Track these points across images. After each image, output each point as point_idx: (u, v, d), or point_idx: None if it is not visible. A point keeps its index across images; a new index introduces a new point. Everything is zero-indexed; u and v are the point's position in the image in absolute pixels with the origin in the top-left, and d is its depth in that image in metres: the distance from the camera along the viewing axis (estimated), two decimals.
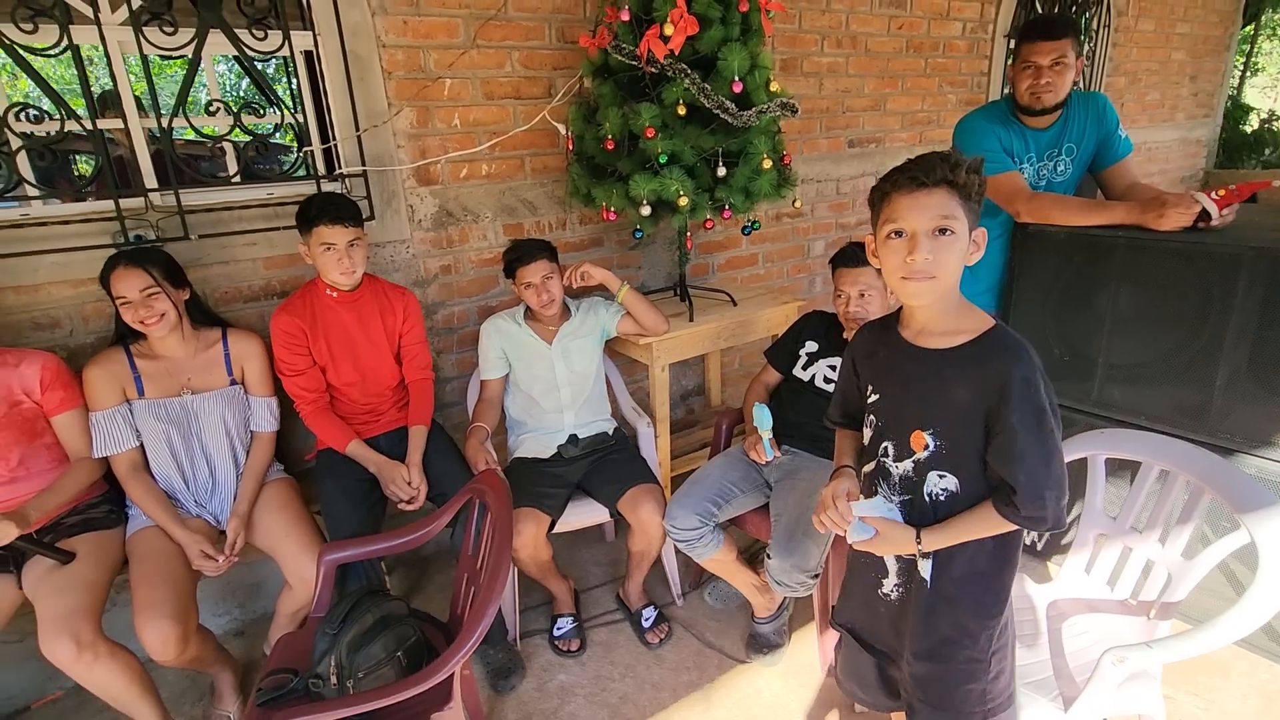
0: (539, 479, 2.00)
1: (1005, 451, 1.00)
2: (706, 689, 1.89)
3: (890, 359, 1.15)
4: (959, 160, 1.00)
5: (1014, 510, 1.01)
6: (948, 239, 1.00)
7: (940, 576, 1.12)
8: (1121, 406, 2.01)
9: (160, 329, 1.69)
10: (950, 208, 0.99)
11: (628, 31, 2.03)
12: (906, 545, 1.11)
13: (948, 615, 1.12)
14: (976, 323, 1.06)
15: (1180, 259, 1.85)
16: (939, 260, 1.00)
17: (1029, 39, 2.01)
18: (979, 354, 1.04)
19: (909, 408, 1.11)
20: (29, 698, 1.94)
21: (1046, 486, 0.99)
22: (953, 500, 1.08)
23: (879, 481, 1.16)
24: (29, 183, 1.74)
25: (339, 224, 1.77)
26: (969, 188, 1.00)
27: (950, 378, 1.05)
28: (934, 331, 1.09)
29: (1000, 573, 1.11)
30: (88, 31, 1.71)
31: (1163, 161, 5.43)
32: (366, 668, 1.32)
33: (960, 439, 1.06)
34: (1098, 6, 4.31)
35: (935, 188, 0.99)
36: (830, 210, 3.35)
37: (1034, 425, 0.99)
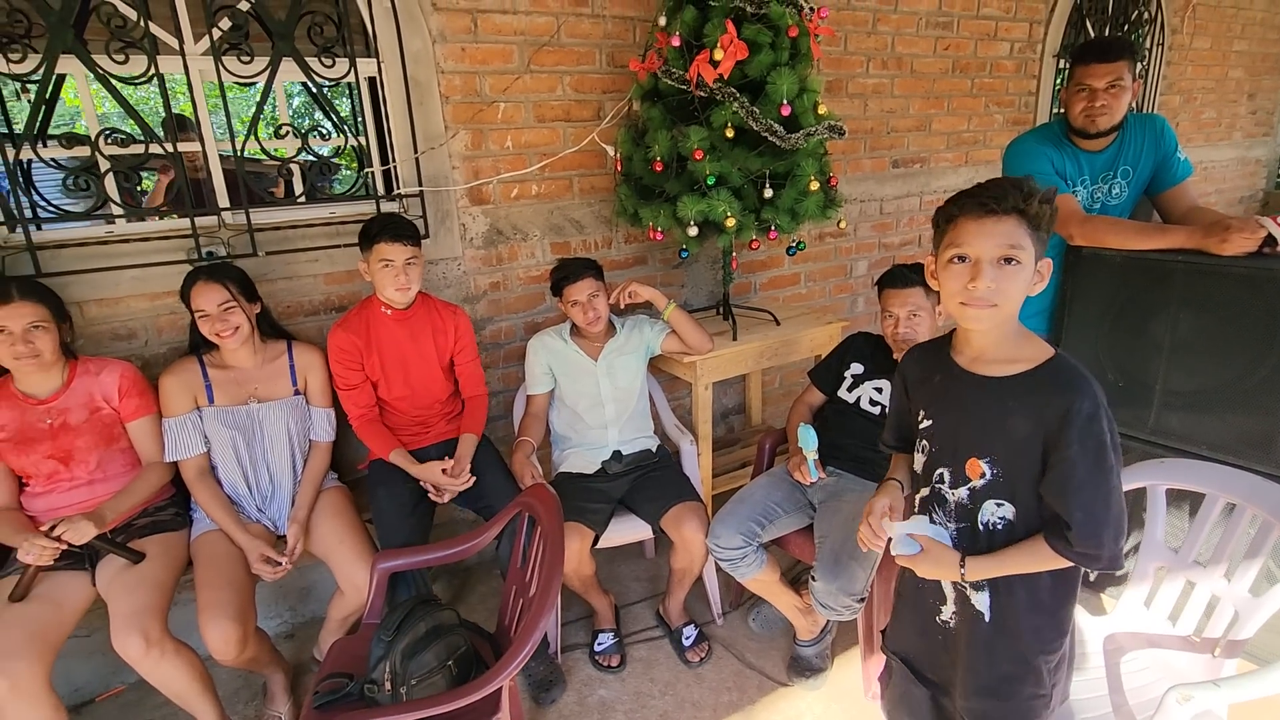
0: (583, 494, 2.03)
1: (1062, 485, 0.99)
2: (747, 710, 1.88)
3: (945, 385, 1.14)
4: (1032, 190, 0.98)
5: (1067, 546, 1.00)
6: (1012, 269, 0.98)
7: (999, 610, 1.10)
8: (1180, 435, 1.96)
9: (234, 341, 1.78)
10: (1018, 237, 0.98)
11: (678, 56, 2.08)
12: (950, 569, 1.10)
13: (1009, 650, 1.10)
14: (1036, 351, 1.05)
15: (1244, 284, 1.80)
16: (1001, 289, 0.99)
17: (1084, 61, 1.99)
18: (1039, 384, 1.02)
19: (965, 435, 1.10)
20: (94, 690, 2.03)
21: (1104, 524, 0.97)
22: (1010, 529, 1.07)
23: (934, 507, 1.15)
24: (114, 201, 1.85)
25: (398, 242, 1.83)
26: (1040, 218, 0.98)
27: (1010, 408, 1.04)
28: (992, 359, 1.07)
29: (1062, 605, 1.09)
30: (172, 61, 1.82)
31: (1219, 181, 5.26)
32: (419, 675, 1.35)
33: (1018, 468, 1.04)
34: (1151, 25, 4.23)
35: (1005, 215, 0.98)
36: (873, 230, 3.34)
37: (1093, 460, 0.97)
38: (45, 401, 1.68)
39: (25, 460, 1.67)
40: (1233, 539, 1.38)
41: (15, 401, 1.66)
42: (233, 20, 1.86)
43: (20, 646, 1.49)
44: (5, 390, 1.67)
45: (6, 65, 1.65)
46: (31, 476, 1.70)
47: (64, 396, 1.69)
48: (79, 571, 1.68)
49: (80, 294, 1.83)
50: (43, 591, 1.61)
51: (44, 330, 1.61)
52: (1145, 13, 4.17)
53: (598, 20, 2.36)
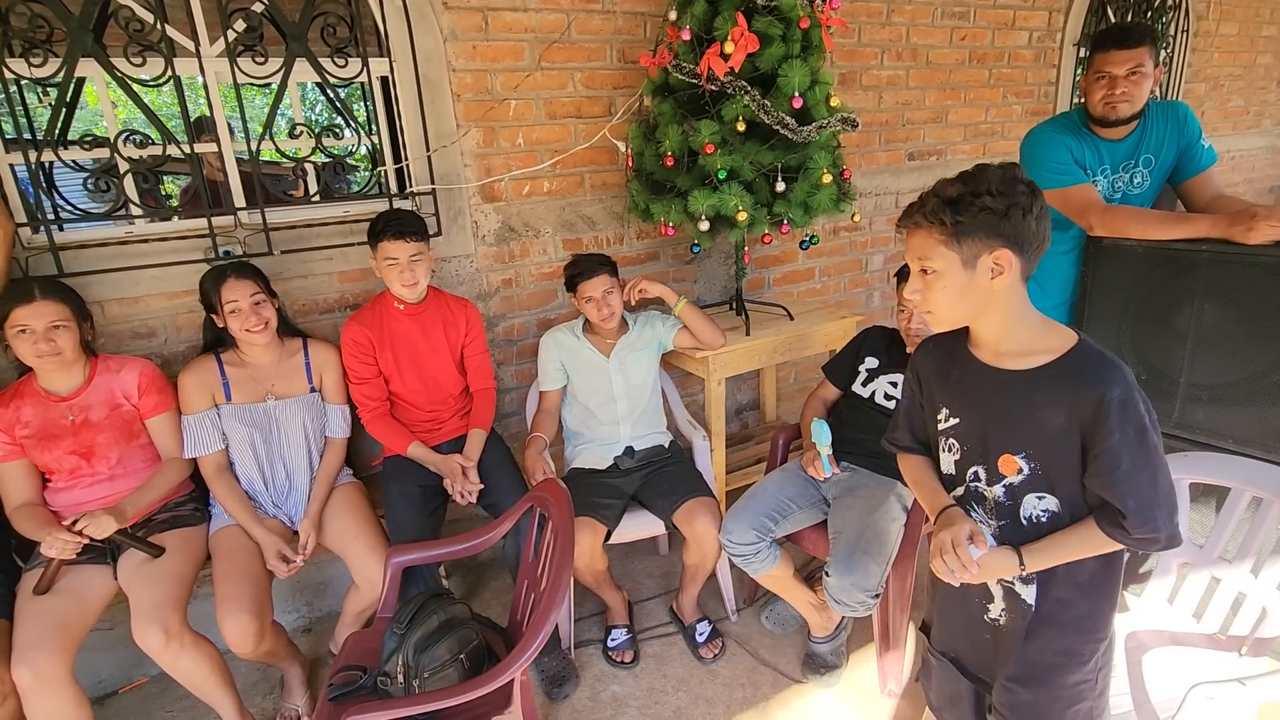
0: (595, 489, 2.03)
1: (1108, 475, 0.97)
2: (761, 707, 1.87)
3: (966, 381, 1.11)
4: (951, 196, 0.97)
5: (1124, 533, 0.98)
6: (930, 278, 1.01)
7: (1046, 600, 1.08)
8: (1206, 429, 1.91)
9: (265, 336, 1.81)
10: (926, 249, 1.00)
11: (688, 50, 2.07)
12: (1008, 567, 1.07)
13: (1055, 639, 1.09)
14: (1059, 340, 1.02)
15: (1272, 274, 1.75)
16: (926, 299, 1.03)
17: (1103, 48, 1.94)
18: (1066, 374, 1.00)
19: (994, 432, 1.07)
20: (117, 682, 2.07)
21: (1157, 506, 0.96)
22: (1055, 520, 1.05)
23: (972, 507, 1.13)
24: (133, 202, 1.88)
25: (401, 239, 1.84)
26: (957, 225, 0.96)
27: (1039, 401, 1.01)
28: (1011, 352, 1.05)
29: (1106, 592, 1.07)
30: (188, 64, 1.85)
31: (1248, 171, 5.13)
32: (431, 668, 1.36)
33: (1056, 461, 1.03)
34: (1175, 11, 4.14)
35: (915, 228, 1.01)
36: (889, 224, 3.30)
37: (1136, 445, 0.95)
38: (67, 399, 1.71)
39: (49, 456, 1.70)
40: (1260, 534, 1.34)
41: (39, 399, 1.70)
42: (247, 22, 1.88)
43: (44, 638, 1.52)
44: (29, 388, 1.70)
45: (28, 70, 1.69)
46: (55, 472, 1.74)
47: (85, 394, 1.72)
48: (101, 565, 1.71)
49: (102, 293, 1.86)
50: (66, 585, 1.65)
51: (65, 329, 1.64)
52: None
53: (609, 16, 2.36)
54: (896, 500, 1.82)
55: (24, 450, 1.70)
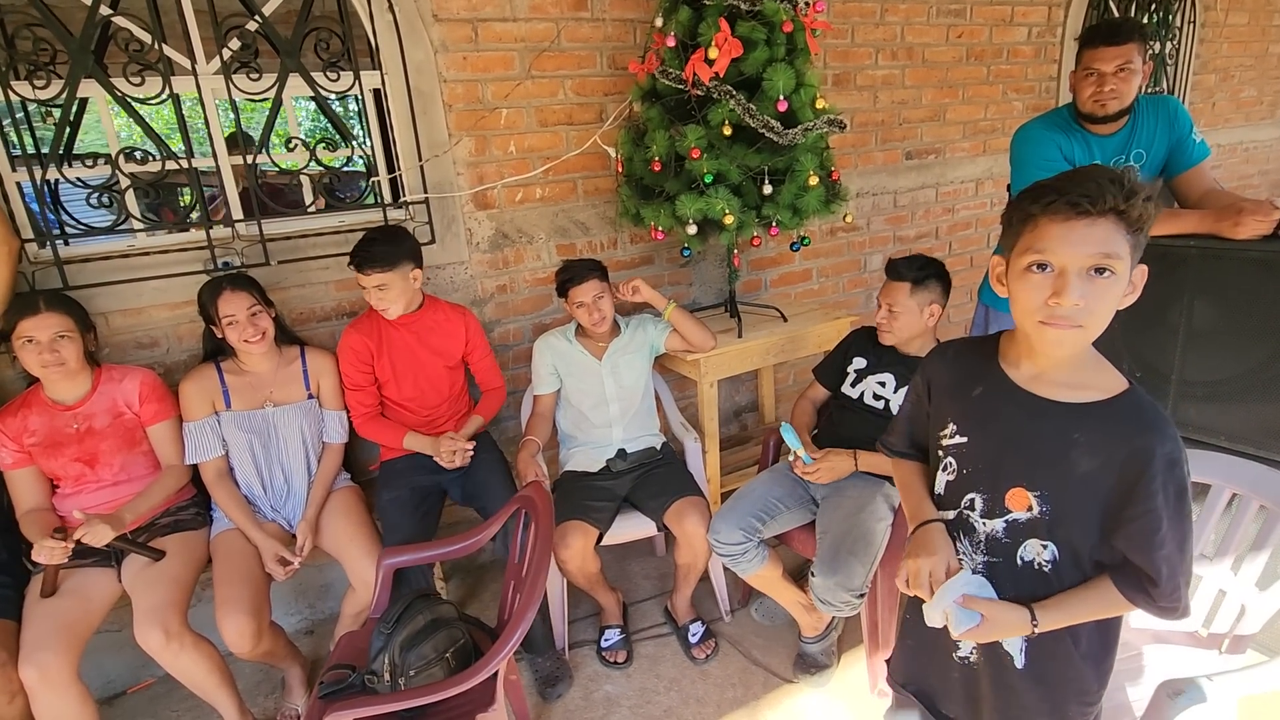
0: (587, 492, 2.05)
1: (1146, 539, 0.89)
2: (752, 706, 1.88)
3: (990, 400, 0.99)
4: (1135, 186, 0.82)
5: (1149, 600, 0.91)
6: (1105, 282, 0.83)
7: (1038, 658, 0.99)
8: (1198, 426, 1.90)
9: (263, 346, 1.86)
10: (1114, 244, 0.82)
11: (674, 56, 2.09)
12: (1020, 627, 0.95)
13: (1044, 700, 1.00)
14: (1109, 381, 0.93)
15: (1261, 268, 1.74)
16: (1090, 307, 0.83)
17: (1092, 44, 1.94)
18: (1114, 418, 0.90)
19: (1011, 461, 0.97)
20: (125, 683, 2.13)
21: (1181, 574, 0.90)
22: (1056, 570, 0.96)
23: (959, 536, 1.03)
24: (135, 216, 1.94)
25: (361, 271, 1.89)
26: (1142, 220, 0.83)
27: (1076, 440, 0.91)
28: (1056, 381, 0.94)
29: (1105, 654, 1.01)
30: (185, 81, 1.91)
31: (1262, 163, 5.04)
32: (417, 666, 1.39)
33: (1070, 508, 0.94)
34: (1181, 2, 4.08)
35: (1100, 217, 0.81)
36: (887, 223, 3.29)
37: (1174, 510, 0.88)
38: (72, 408, 1.77)
39: (55, 463, 1.77)
40: (1239, 531, 1.33)
41: (45, 408, 1.76)
42: (242, 40, 1.94)
43: (49, 638, 1.58)
44: (36, 398, 1.77)
45: (32, 91, 1.75)
46: (61, 479, 1.80)
47: (89, 403, 1.78)
48: (106, 568, 1.77)
49: (106, 305, 1.93)
50: (72, 587, 1.70)
51: (69, 340, 1.70)
52: None
53: (598, 24, 2.39)
54: (884, 500, 1.82)
55: (32, 458, 1.76)
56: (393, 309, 1.95)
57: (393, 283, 1.90)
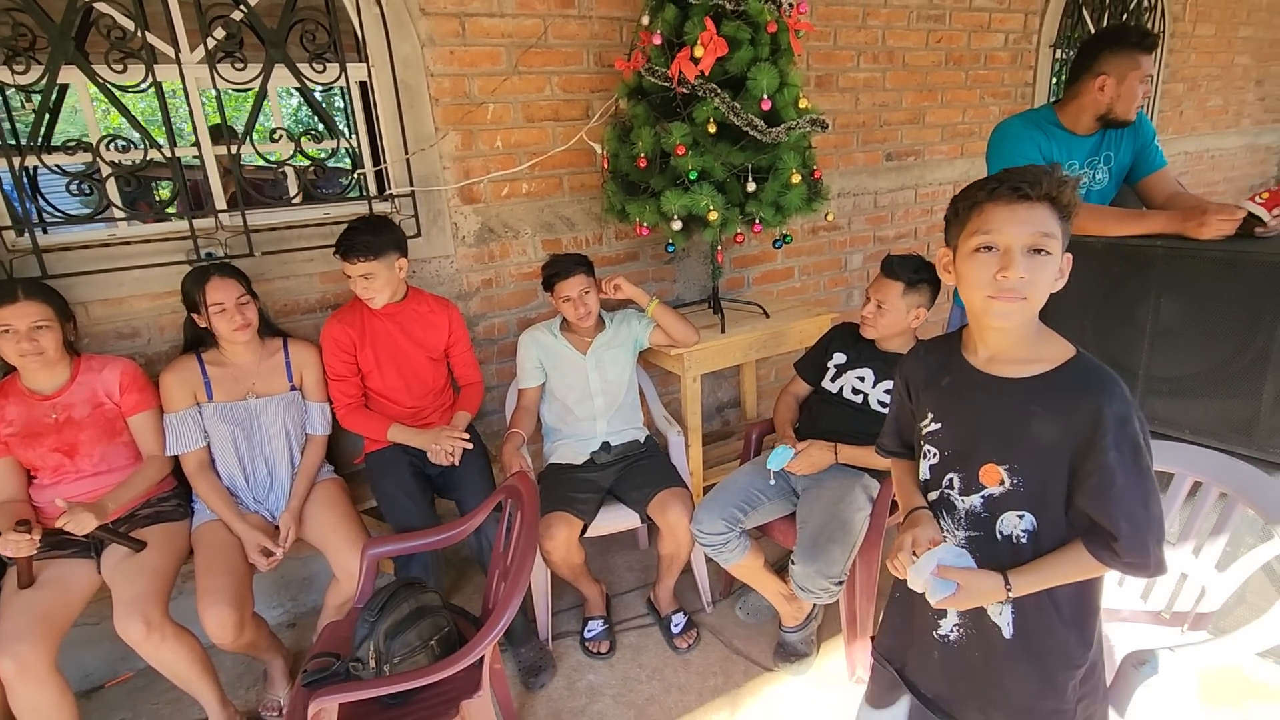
0: (572, 484, 2.07)
1: (1103, 494, 0.93)
2: (733, 694, 1.91)
3: (956, 387, 1.07)
4: (1064, 177, 0.93)
5: (1114, 556, 0.95)
6: (1042, 259, 0.92)
7: (1024, 626, 1.03)
8: (1165, 420, 1.96)
9: (247, 335, 1.86)
10: (1050, 225, 0.92)
11: (660, 54, 2.12)
12: (994, 593, 1.00)
13: (1033, 668, 1.04)
14: (1057, 350, 0.99)
15: (1224, 268, 1.80)
16: (1032, 280, 0.92)
17: (1148, 49, 1.92)
18: (1064, 385, 0.96)
19: (980, 440, 1.03)
20: (103, 677, 2.10)
21: (1148, 531, 0.93)
22: (1034, 541, 1.01)
23: (942, 514, 1.09)
24: (116, 205, 1.92)
25: (346, 259, 1.90)
26: (1070, 207, 0.93)
27: (1033, 411, 0.97)
28: (1010, 359, 1.00)
29: (1087, 614, 1.04)
30: (169, 70, 1.90)
31: (1228, 169, 5.20)
32: (402, 653, 1.40)
33: (1040, 476, 0.99)
34: (1151, 12, 4.20)
35: (1038, 202, 0.92)
36: (867, 223, 3.35)
37: (1132, 465, 0.92)
38: (50, 398, 1.75)
39: (33, 454, 1.75)
40: (1200, 517, 1.39)
41: (22, 398, 1.74)
42: (227, 29, 1.93)
43: (27, 630, 1.56)
44: (13, 387, 1.75)
45: (11, 77, 1.73)
46: (39, 469, 1.78)
47: (68, 392, 1.77)
48: (85, 559, 1.75)
49: (86, 294, 1.91)
50: (50, 578, 1.69)
51: (48, 329, 1.68)
52: (1144, 1, 4.15)
53: (585, 21, 2.41)
54: (862, 491, 1.86)
55: (8, 448, 1.74)
56: (378, 298, 1.95)
57: (378, 272, 1.91)
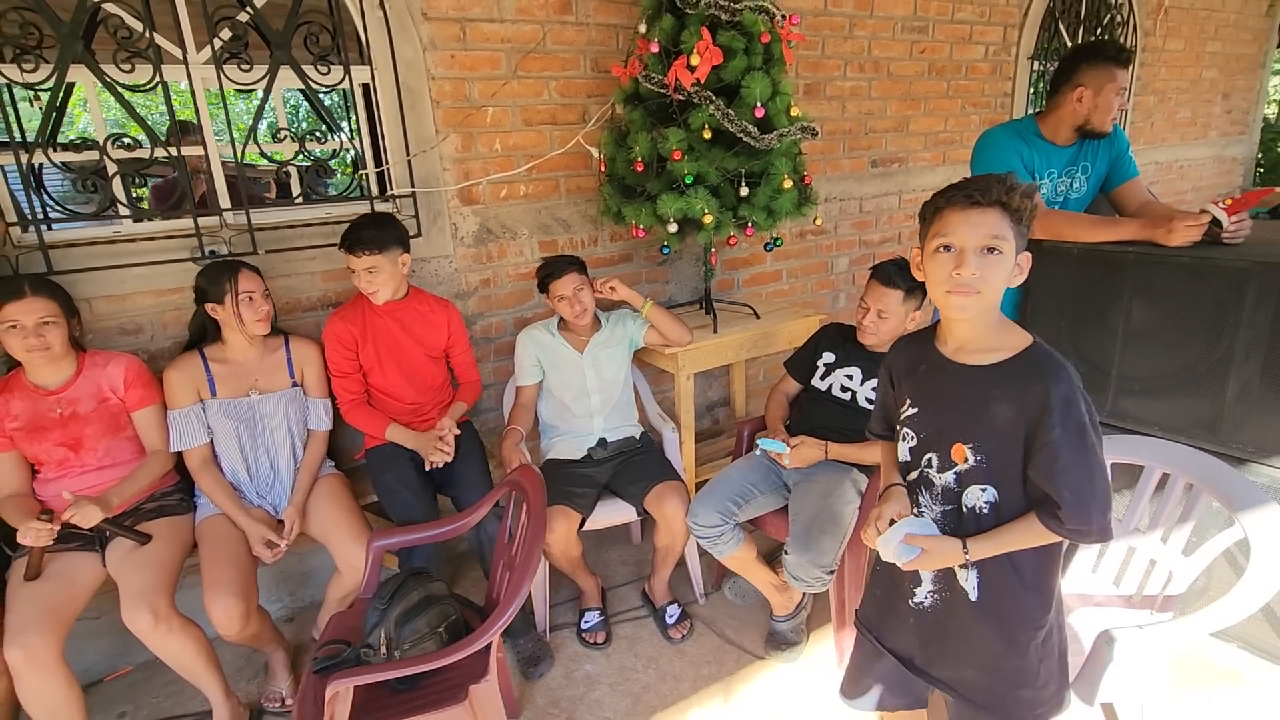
0: (570, 479, 2.12)
1: (1048, 467, 1.03)
2: (726, 681, 1.98)
3: (930, 374, 1.17)
4: (1014, 184, 1.04)
5: (1059, 524, 1.04)
6: (994, 258, 1.03)
7: (988, 590, 1.13)
8: (1135, 418, 2.06)
9: (265, 326, 1.92)
10: (1001, 228, 1.03)
11: (657, 62, 2.18)
12: (954, 556, 1.12)
13: (997, 628, 1.14)
14: (1016, 340, 1.09)
15: (1191, 273, 1.90)
16: (985, 277, 1.03)
17: (1123, 63, 2.03)
18: (1019, 371, 1.06)
19: (950, 421, 1.13)
20: (102, 671, 2.11)
21: (1091, 501, 1.01)
22: (995, 512, 1.11)
23: (921, 490, 1.19)
24: (121, 203, 1.95)
25: (353, 254, 1.94)
26: (1021, 211, 1.04)
27: (993, 395, 1.08)
28: (974, 348, 1.11)
29: (1045, 580, 1.13)
30: (175, 70, 1.92)
31: (1196, 179, 5.40)
32: (412, 640, 1.45)
33: (1001, 453, 1.08)
34: (1123, 27, 4.36)
35: (989, 207, 1.03)
36: (853, 228, 3.45)
37: (1076, 441, 1.01)
38: (55, 392, 1.77)
39: (38, 448, 1.76)
40: (1168, 506, 1.48)
41: (27, 392, 1.76)
42: (233, 30, 1.96)
43: (35, 620, 1.58)
44: (18, 382, 1.76)
45: (20, 75, 1.75)
46: (44, 463, 1.80)
47: (73, 387, 1.79)
48: (90, 552, 1.77)
49: (90, 291, 1.92)
50: (56, 570, 1.70)
51: (54, 325, 1.71)
52: (1118, 15, 4.30)
53: (582, 27, 2.47)
54: (851, 485, 1.94)
55: (13, 442, 1.75)
56: (382, 292, 1.99)
57: (382, 266, 1.95)
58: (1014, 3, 3.69)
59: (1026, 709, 1.15)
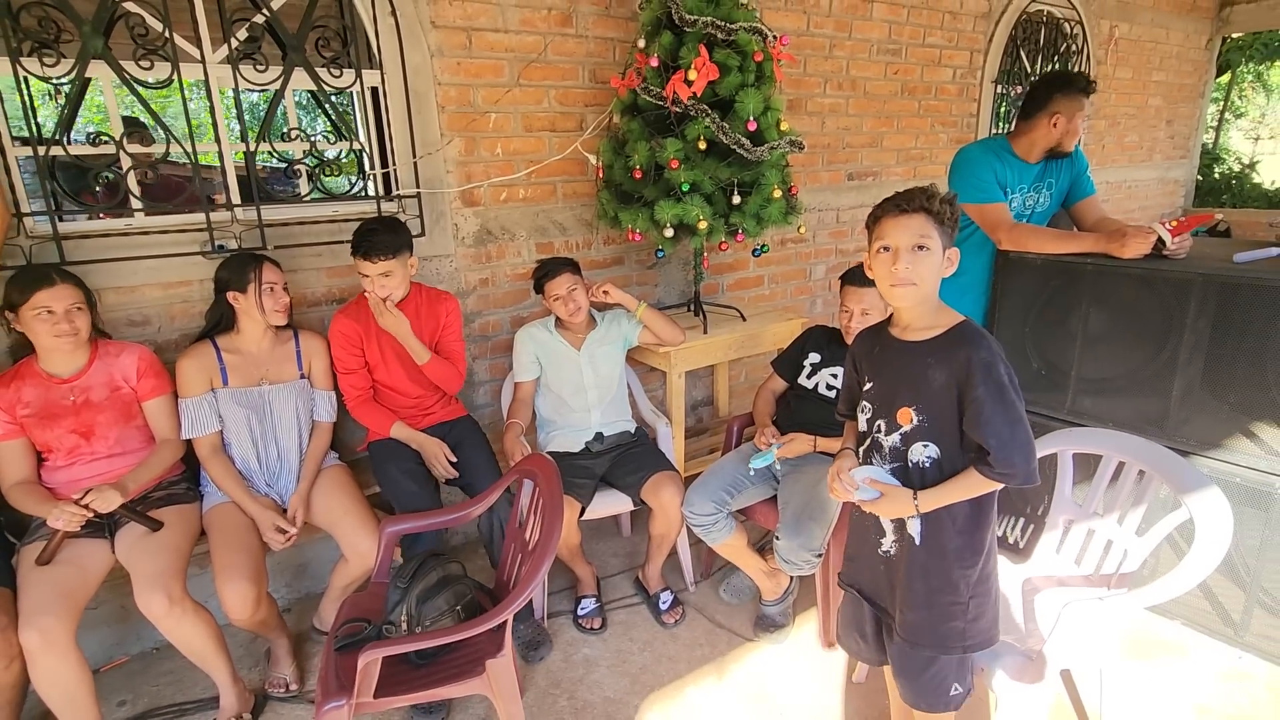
0: (570, 470, 2.21)
1: (976, 419, 1.22)
2: (718, 662, 2.09)
3: (884, 354, 1.37)
4: (934, 192, 1.25)
5: (990, 469, 1.22)
6: (923, 254, 1.24)
7: (930, 534, 1.32)
8: (1092, 415, 2.24)
9: (283, 318, 2.00)
10: (927, 229, 1.24)
11: (655, 75, 2.31)
12: (906, 505, 1.30)
13: (936, 568, 1.33)
14: (948, 319, 1.31)
15: (1141, 283, 2.09)
16: (916, 270, 1.24)
17: (1091, 92, 2.23)
18: (949, 343, 1.27)
19: (898, 390, 1.33)
20: (97, 662, 2.12)
21: (1014, 448, 1.20)
22: (937, 466, 1.29)
23: (873, 453, 1.38)
24: (134, 195, 1.98)
25: (368, 259, 1.99)
26: (942, 214, 1.25)
27: (929, 363, 1.28)
28: (916, 328, 1.32)
29: (977, 529, 1.32)
30: (193, 69, 1.97)
31: (1142, 199, 5.75)
32: (432, 616, 1.53)
33: (939, 413, 1.28)
34: (1078, 56, 4.65)
35: (915, 213, 1.24)
36: (830, 237, 3.62)
37: (997, 397, 1.20)
38: (69, 380, 1.80)
39: (49, 435, 1.79)
40: (1123, 491, 1.65)
41: (40, 380, 1.78)
42: (249, 32, 2.02)
43: (50, 604, 1.61)
44: (29, 369, 1.79)
45: (41, 69, 1.78)
46: (53, 451, 1.82)
47: (86, 376, 1.82)
48: (100, 539, 1.79)
49: (99, 282, 1.95)
50: (66, 557, 1.72)
51: (81, 311, 1.75)
52: (1073, 45, 4.59)
53: (582, 40, 2.58)
54: None
55: (24, 429, 1.77)
56: (396, 294, 2.06)
57: (395, 270, 2.02)
58: (979, 30, 3.93)
59: (956, 639, 1.33)
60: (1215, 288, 1.95)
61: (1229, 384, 1.98)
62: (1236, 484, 1.95)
